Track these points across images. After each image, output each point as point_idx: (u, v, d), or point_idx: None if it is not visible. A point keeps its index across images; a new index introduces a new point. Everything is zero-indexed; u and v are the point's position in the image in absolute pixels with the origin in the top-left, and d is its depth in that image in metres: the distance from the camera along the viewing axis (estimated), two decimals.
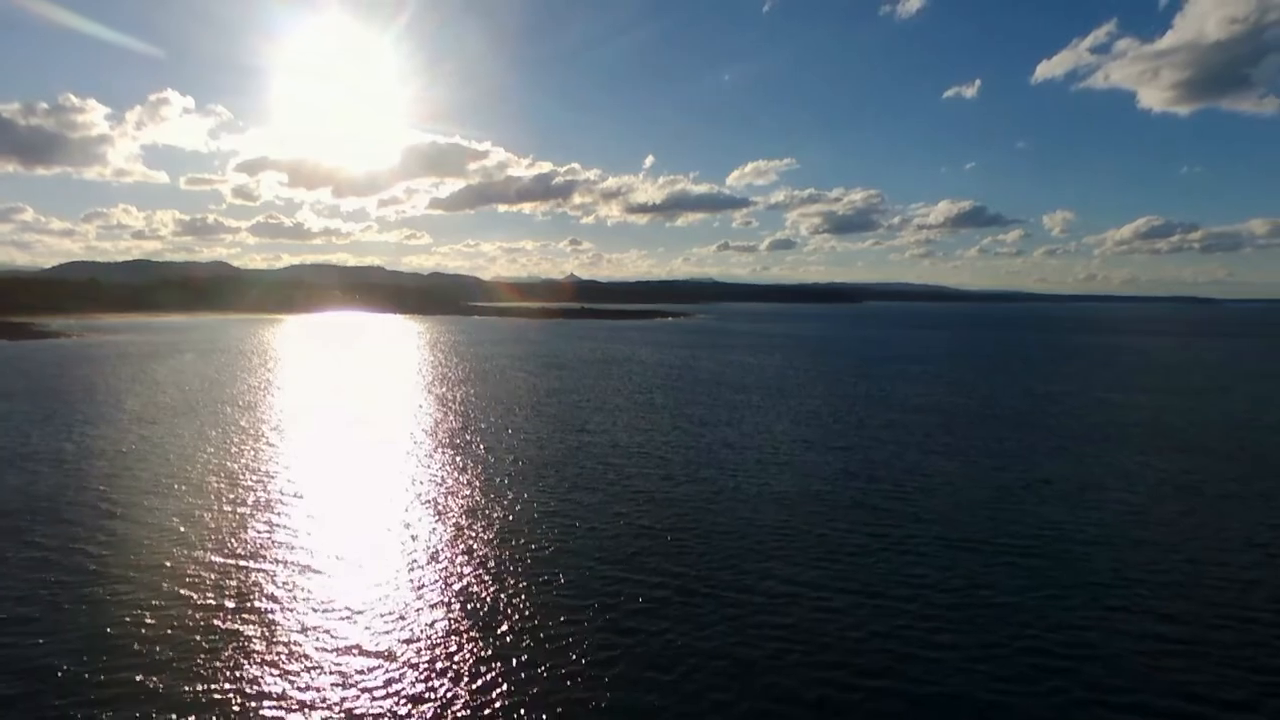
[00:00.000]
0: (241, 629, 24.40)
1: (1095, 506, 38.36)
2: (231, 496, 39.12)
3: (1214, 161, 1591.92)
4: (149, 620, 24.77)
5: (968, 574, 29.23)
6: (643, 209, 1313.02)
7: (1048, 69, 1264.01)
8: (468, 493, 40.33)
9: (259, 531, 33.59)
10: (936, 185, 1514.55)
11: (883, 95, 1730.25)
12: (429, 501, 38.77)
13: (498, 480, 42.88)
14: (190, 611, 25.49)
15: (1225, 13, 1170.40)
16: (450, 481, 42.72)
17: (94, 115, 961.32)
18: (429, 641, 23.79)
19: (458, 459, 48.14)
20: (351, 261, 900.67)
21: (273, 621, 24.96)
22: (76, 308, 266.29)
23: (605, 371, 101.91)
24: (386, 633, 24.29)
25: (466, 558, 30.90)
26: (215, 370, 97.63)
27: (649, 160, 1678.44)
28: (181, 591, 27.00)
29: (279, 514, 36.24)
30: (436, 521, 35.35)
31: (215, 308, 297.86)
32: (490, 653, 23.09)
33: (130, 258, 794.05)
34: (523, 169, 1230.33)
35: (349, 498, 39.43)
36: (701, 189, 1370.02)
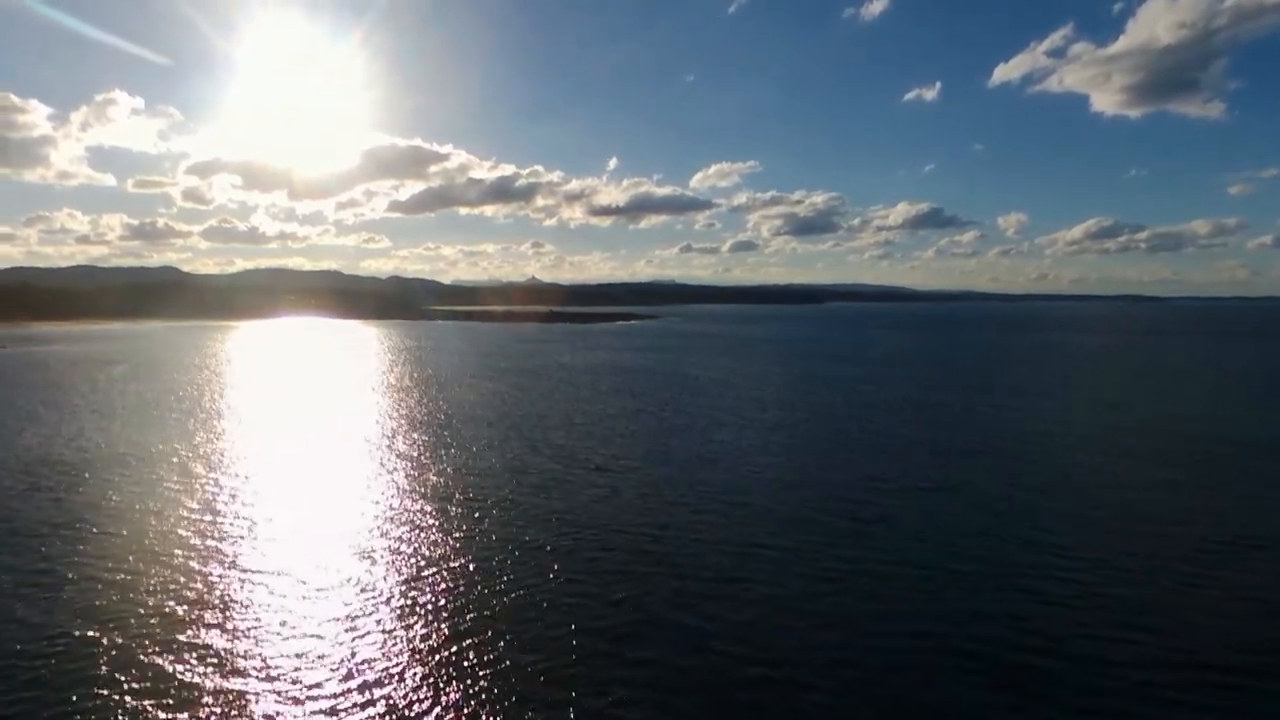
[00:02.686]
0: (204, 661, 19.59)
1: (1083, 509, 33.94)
2: (136, 546, 32.31)
3: (1161, 164, 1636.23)
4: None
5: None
6: (606, 211, 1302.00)
7: (1005, 72, 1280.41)
8: (447, 528, 34.16)
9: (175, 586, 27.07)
10: (896, 187, 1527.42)
11: (845, 97, 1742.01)
12: (396, 542, 32.52)
13: (492, 519, 36.78)
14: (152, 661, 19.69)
15: (1175, 18, 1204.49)
16: (430, 522, 36.43)
17: (36, 116, 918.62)
18: (400, 652, 23.57)
19: (437, 490, 41.80)
20: (308, 265, 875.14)
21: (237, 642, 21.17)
22: (4, 315, 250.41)
23: (597, 382, 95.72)
24: (362, 649, 23.78)
25: (439, 574, 27.37)
26: (146, 385, 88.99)
27: (613, 162, 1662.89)
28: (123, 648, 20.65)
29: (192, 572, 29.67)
30: (406, 555, 29.26)
31: (163, 314, 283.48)
32: (456, 659, 23.08)
33: (74, 263, 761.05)
34: (485, 171, 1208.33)
35: (296, 553, 32.95)
36: (665, 191, 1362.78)
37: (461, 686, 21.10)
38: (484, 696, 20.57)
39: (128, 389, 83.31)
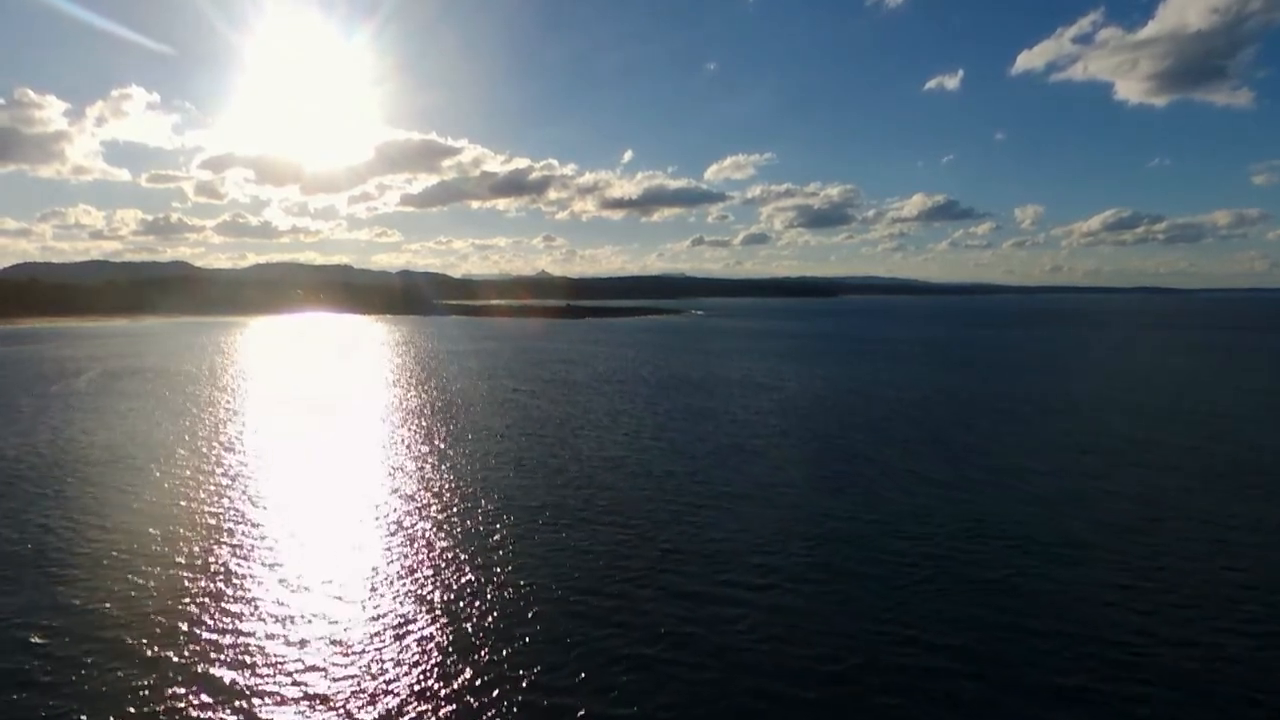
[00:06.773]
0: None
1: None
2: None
3: (1184, 153, 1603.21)
4: None
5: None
6: (618, 204, 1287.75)
7: (1028, 59, 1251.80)
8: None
9: None
10: (913, 178, 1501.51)
11: (866, 87, 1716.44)
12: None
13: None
14: None
15: (1208, 2, 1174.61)
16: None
17: (52, 111, 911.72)
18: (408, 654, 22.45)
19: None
20: (319, 260, 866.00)
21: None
22: (7, 312, 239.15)
23: (662, 396, 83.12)
24: (366, 648, 22.78)
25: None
26: (101, 400, 76.94)
27: (627, 155, 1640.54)
28: None
29: None
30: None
31: (170, 311, 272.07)
32: (460, 656, 21.99)
33: (88, 258, 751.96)
34: (498, 165, 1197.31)
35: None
36: (679, 184, 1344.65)
37: (473, 687, 20.47)
38: (492, 697, 20.03)
39: (70, 408, 71.29)
